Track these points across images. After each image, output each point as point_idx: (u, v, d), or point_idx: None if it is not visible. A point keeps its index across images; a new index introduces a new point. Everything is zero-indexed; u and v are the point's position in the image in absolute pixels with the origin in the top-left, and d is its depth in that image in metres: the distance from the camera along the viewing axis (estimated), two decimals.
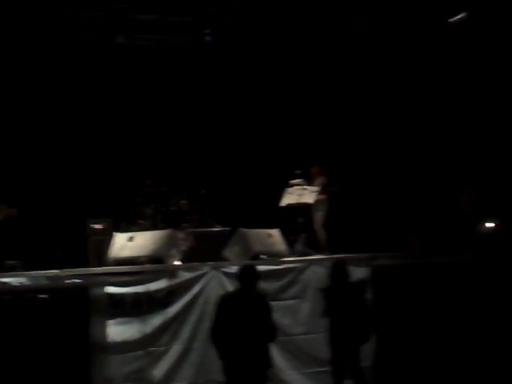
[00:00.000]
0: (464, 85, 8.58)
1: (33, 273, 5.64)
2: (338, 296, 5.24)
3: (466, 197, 8.43)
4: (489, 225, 8.12)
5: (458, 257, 6.43)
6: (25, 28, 8.50)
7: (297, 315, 6.14)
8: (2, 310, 3.85)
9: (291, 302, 6.15)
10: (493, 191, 8.25)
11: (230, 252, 6.56)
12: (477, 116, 8.50)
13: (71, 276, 5.49)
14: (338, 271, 5.32)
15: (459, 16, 7.96)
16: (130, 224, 7.94)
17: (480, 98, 8.44)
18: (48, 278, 5.46)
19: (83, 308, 3.95)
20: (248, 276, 4.73)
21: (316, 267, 6.28)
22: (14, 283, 5.31)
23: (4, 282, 5.26)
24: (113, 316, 5.43)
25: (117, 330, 5.44)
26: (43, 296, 3.87)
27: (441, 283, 6.18)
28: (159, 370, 5.64)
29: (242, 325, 4.53)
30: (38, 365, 3.93)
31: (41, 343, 3.89)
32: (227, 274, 5.91)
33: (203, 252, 7.10)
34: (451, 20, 8.06)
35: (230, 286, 5.72)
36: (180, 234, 7.39)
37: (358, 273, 5.96)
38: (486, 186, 8.36)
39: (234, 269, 5.65)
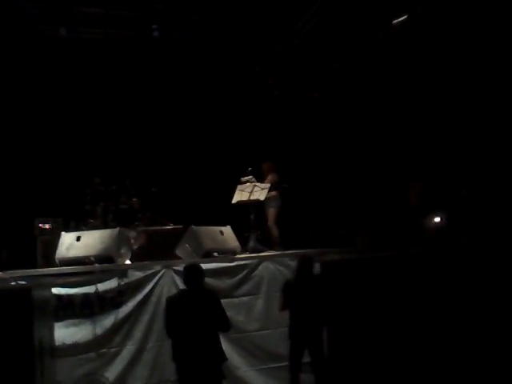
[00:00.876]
0: (407, 81, 8.84)
1: None
2: (302, 290, 5.32)
3: (412, 191, 8.69)
4: (435, 219, 8.41)
5: (405, 251, 6.62)
6: None
7: (251, 312, 6.15)
8: None
9: (245, 298, 6.16)
10: (438, 185, 8.55)
11: (181, 250, 6.50)
12: (421, 110, 8.78)
13: (16, 278, 5.35)
14: (306, 266, 5.40)
15: (402, 18, 8.21)
16: (79, 223, 7.76)
17: (422, 92, 8.72)
18: None
19: (27, 311, 3.79)
20: (193, 274, 4.78)
21: (268, 263, 6.32)
22: None
23: None
24: (62, 318, 5.29)
25: (66, 333, 5.31)
26: None
27: (389, 277, 6.34)
28: (112, 372, 5.53)
29: (193, 322, 4.57)
30: None
31: None
32: (179, 273, 5.83)
33: (155, 250, 7.03)
34: (395, 22, 8.30)
35: (182, 285, 5.67)
36: (131, 233, 7.28)
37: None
38: (432, 180, 8.65)
39: None
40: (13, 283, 5.16)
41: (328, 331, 5.78)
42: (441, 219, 8.36)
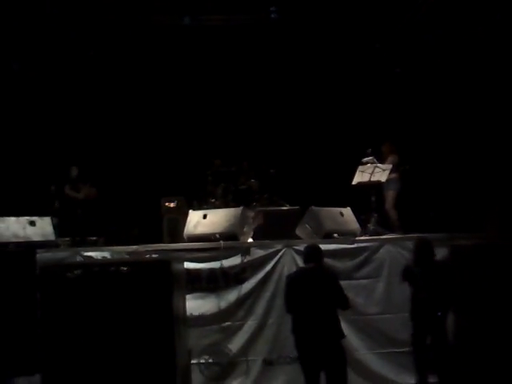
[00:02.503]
0: None
1: (114, 248, 6.06)
2: (422, 275, 5.15)
3: None
4: None
5: None
6: (95, 14, 8.77)
7: (371, 295, 6.04)
8: (92, 280, 4.03)
9: (364, 281, 6.05)
10: None
11: (301, 230, 6.55)
12: None
13: (149, 251, 5.77)
14: (424, 250, 5.22)
15: None
16: (202, 203, 8.13)
17: None
18: (128, 252, 5.80)
19: (166, 281, 4.07)
20: (314, 253, 4.90)
21: (390, 246, 6.14)
22: (97, 257, 5.69)
23: (89, 256, 5.65)
24: (190, 291, 5.61)
25: (194, 304, 5.62)
26: (126, 269, 4.03)
27: None
28: (234, 345, 5.78)
29: (312, 299, 4.65)
30: (124, 334, 4.08)
31: (126, 314, 4.05)
32: (299, 252, 5.87)
33: (272, 230, 7.16)
34: None
35: (302, 264, 5.72)
36: (250, 213, 7.48)
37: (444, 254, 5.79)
38: None
39: None
40: (147, 256, 5.59)
41: (456, 318, 5.52)
42: None
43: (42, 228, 6.28)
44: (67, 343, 3.99)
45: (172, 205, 8.12)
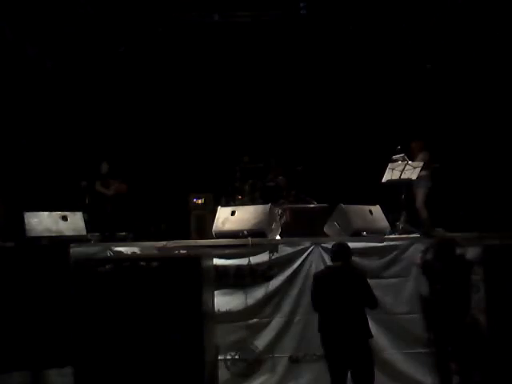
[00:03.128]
0: None
1: (143, 243, 6.13)
2: (442, 275, 5.07)
3: None
4: None
5: None
6: (126, 11, 8.87)
7: (399, 294, 5.97)
8: (123, 274, 4.10)
9: (394, 280, 5.99)
10: None
11: (330, 228, 6.52)
12: None
13: (178, 247, 5.82)
14: (444, 246, 5.13)
15: None
16: (229, 199, 8.17)
17: None
18: (157, 248, 5.87)
19: (195, 277, 4.11)
20: (341, 251, 4.89)
21: (419, 245, 6.03)
22: (127, 252, 5.77)
23: (119, 251, 5.74)
24: (218, 287, 5.65)
25: (221, 301, 5.65)
26: (157, 264, 4.09)
27: None
28: (261, 341, 5.79)
29: (340, 297, 4.65)
30: (153, 328, 4.14)
31: (156, 308, 4.11)
32: (327, 250, 5.83)
33: (299, 227, 7.17)
34: None
35: (329, 261, 5.69)
36: (277, 210, 7.48)
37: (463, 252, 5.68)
38: None
39: None
40: (176, 252, 5.65)
41: (486, 319, 5.42)
42: None
43: (73, 223, 6.40)
44: (98, 336, 4.07)
45: (199, 201, 8.19)
